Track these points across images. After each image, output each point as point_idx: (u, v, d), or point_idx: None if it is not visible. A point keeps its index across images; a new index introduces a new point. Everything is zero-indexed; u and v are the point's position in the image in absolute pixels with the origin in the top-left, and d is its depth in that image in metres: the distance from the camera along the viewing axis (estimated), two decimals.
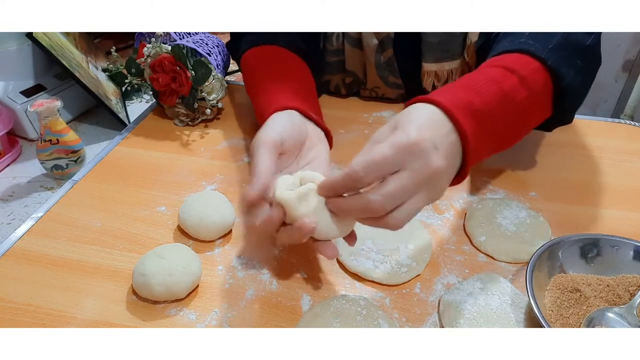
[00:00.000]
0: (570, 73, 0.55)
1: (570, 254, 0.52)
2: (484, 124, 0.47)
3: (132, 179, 0.68)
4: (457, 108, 0.45)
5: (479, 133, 0.46)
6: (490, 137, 0.49)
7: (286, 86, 0.63)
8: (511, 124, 0.52)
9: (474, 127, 0.45)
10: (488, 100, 0.48)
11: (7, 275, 0.53)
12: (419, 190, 0.42)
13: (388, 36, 0.77)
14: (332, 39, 0.80)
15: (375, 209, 0.40)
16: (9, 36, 0.80)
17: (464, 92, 0.47)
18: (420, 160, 0.41)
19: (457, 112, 0.44)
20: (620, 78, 1.56)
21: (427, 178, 0.41)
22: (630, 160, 0.74)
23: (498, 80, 0.50)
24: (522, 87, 0.51)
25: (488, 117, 0.47)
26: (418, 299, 0.51)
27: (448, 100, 0.45)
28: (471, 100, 0.47)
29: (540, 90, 0.54)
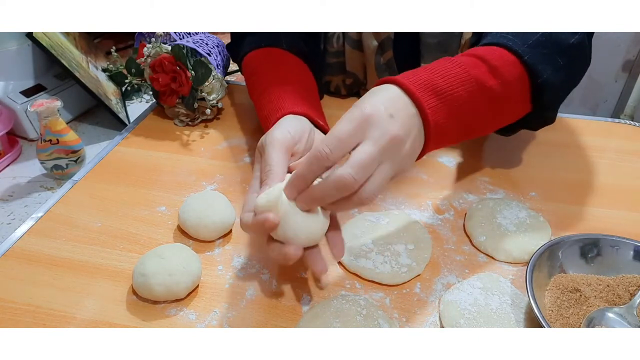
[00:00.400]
0: (547, 70, 0.56)
1: (570, 254, 0.52)
2: (447, 102, 0.48)
3: (132, 179, 0.68)
4: (415, 86, 0.47)
5: (439, 109, 0.47)
6: (455, 118, 0.49)
7: (292, 91, 0.63)
8: (480, 109, 0.52)
9: (434, 103, 0.47)
10: (451, 81, 0.49)
11: (7, 275, 0.53)
12: (384, 159, 0.43)
13: (388, 37, 0.77)
14: (332, 41, 0.80)
15: (348, 182, 0.41)
16: (9, 36, 0.80)
17: (427, 73, 0.49)
18: (378, 128, 0.43)
19: (415, 89, 0.46)
20: (620, 78, 1.56)
21: (388, 145, 0.43)
22: (630, 160, 0.74)
23: (466, 65, 0.51)
24: (492, 75, 0.52)
25: (451, 97, 0.48)
26: (418, 299, 0.51)
27: (408, 79, 0.47)
28: (432, 80, 0.48)
29: (513, 82, 0.54)
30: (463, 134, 0.53)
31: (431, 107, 0.47)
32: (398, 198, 0.65)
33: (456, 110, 0.49)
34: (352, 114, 0.44)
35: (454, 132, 0.51)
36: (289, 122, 0.55)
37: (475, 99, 0.51)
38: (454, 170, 0.71)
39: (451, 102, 0.49)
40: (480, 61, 0.52)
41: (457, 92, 0.49)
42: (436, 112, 0.47)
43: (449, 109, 0.48)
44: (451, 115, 0.49)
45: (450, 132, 0.50)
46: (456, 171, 0.71)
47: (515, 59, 0.55)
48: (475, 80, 0.51)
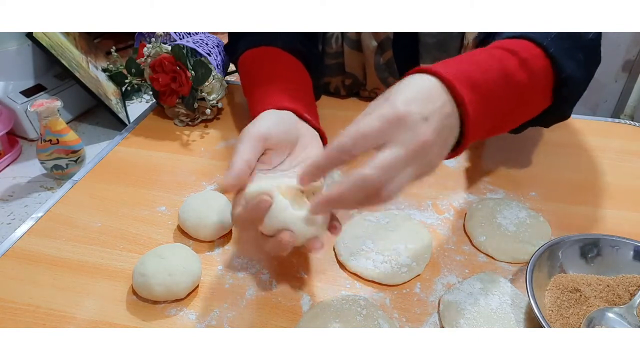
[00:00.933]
0: (571, 65, 0.55)
1: (570, 254, 0.52)
2: (484, 97, 0.46)
3: (132, 179, 0.68)
4: (457, 79, 0.44)
5: (478, 106, 0.45)
6: (490, 113, 0.48)
7: (280, 87, 0.63)
8: (510, 104, 0.51)
9: (474, 100, 0.45)
10: (488, 76, 0.47)
11: (7, 275, 0.53)
12: (410, 163, 0.41)
13: (387, 38, 0.77)
14: (331, 42, 0.80)
15: (373, 183, 0.39)
16: (9, 36, 0.80)
17: (465, 65, 0.47)
18: (407, 132, 0.40)
19: (457, 83, 0.43)
20: (620, 78, 1.56)
21: (416, 150, 0.40)
22: (630, 160, 0.74)
23: (499, 58, 0.50)
24: (522, 69, 0.51)
25: (488, 92, 0.47)
26: (418, 299, 0.51)
27: (448, 71, 0.44)
28: (471, 73, 0.46)
29: (540, 75, 0.53)
30: (493, 130, 0.52)
31: (472, 102, 0.44)
32: (398, 198, 0.65)
33: (491, 106, 0.47)
34: (382, 109, 0.41)
35: (487, 129, 0.49)
36: (266, 116, 0.54)
37: (507, 93, 0.49)
38: (454, 170, 0.71)
39: (487, 97, 0.47)
40: (511, 54, 0.51)
41: (493, 88, 0.47)
42: (475, 107, 0.45)
43: (484, 104, 0.46)
44: (487, 110, 0.47)
45: (484, 128, 0.48)
46: (456, 171, 0.71)
47: (541, 52, 0.53)
48: (509, 75, 0.49)
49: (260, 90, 0.64)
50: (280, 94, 0.60)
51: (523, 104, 0.53)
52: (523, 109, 0.55)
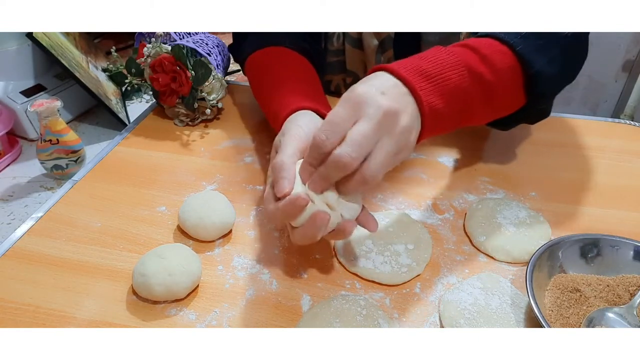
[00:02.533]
0: (541, 60, 0.56)
1: (570, 254, 0.52)
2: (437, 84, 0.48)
3: (132, 179, 0.68)
4: (405, 70, 0.47)
5: (431, 91, 0.48)
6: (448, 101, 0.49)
7: (299, 88, 0.63)
8: (472, 95, 0.52)
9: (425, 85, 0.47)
10: (442, 66, 0.49)
11: (7, 275, 0.53)
12: (381, 135, 0.43)
13: (388, 37, 0.77)
14: (332, 40, 0.80)
15: (345, 161, 0.42)
16: (9, 36, 0.80)
17: (417, 60, 0.50)
18: (370, 106, 0.43)
19: (405, 73, 0.47)
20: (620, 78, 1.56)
21: (382, 120, 0.43)
22: (630, 160, 0.74)
23: (456, 52, 0.52)
24: (482, 63, 0.52)
25: (441, 80, 0.49)
26: (418, 299, 0.51)
27: (398, 65, 0.48)
28: (421, 65, 0.49)
29: (504, 71, 0.54)
30: (458, 119, 0.53)
31: (423, 89, 0.47)
32: (398, 198, 0.65)
33: (448, 94, 0.49)
34: (343, 98, 0.44)
35: (448, 117, 0.51)
36: (300, 118, 0.55)
37: (466, 84, 0.51)
38: (454, 170, 0.71)
39: (443, 86, 0.49)
40: (470, 50, 0.53)
41: (448, 76, 0.49)
42: (428, 94, 0.48)
43: (441, 92, 0.49)
44: (444, 98, 0.49)
45: (445, 117, 0.50)
46: (456, 171, 0.71)
47: (507, 49, 0.55)
48: (466, 66, 0.51)
49: (278, 91, 0.64)
50: (300, 94, 0.61)
51: (489, 98, 0.54)
52: (490, 103, 0.55)
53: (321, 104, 0.61)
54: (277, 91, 0.64)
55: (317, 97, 0.63)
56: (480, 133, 0.78)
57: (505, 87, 0.55)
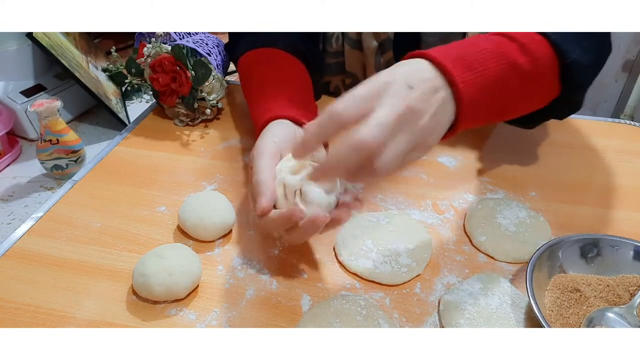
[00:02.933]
0: (576, 50, 0.54)
1: (570, 254, 0.52)
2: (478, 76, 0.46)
3: (132, 179, 0.68)
4: (446, 59, 0.45)
5: (472, 84, 0.45)
6: (488, 94, 0.48)
7: (281, 92, 0.63)
8: (512, 87, 0.50)
9: (468, 79, 0.45)
10: (484, 56, 0.47)
11: (7, 275, 0.53)
12: (400, 129, 0.41)
13: (388, 38, 0.77)
14: (331, 41, 0.80)
15: (369, 142, 0.39)
16: (9, 36, 0.80)
17: (459, 47, 0.48)
18: (394, 96, 0.41)
19: (446, 62, 0.44)
20: (620, 78, 1.56)
21: (404, 113, 0.41)
22: (630, 160, 0.74)
23: (496, 42, 0.50)
24: (522, 53, 0.50)
25: (483, 71, 0.47)
26: (418, 299, 0.51)
27: (439, 53, 0.45)
28: (465, 54, 0.47)
29: (543, 61, 0.52)
30: (495, 113, 0.51)
31: (464, 81, 0.45)
32: (398, 198, 0.65)
33: (489, 87, 0.47)
34: (370, 80, 0.42)
35: (486, 110, 0.49)
36: (273, 130, 0.55)
37: (507, 75, 0.49)
38: (454, 170, 0.71)
39: (484, 78, 0.47)
40: (509, 39, 0.51)
41: (490, 67, 0.47)
42: (469, 86, 0.45)
43: (482, 85, 0.47)
44: (484, 91, 0.47)
45: (483, 110, 0.48)
46: (456, 171, 0.71)
47: (543, 39, 0.53)
48: (507, 57, 0.49)
49: (260, 95, 0.64)
50: (280, 100, 0.61)
51: (527, 89, 0.53)
52: (528, 94, 0.54)
53: (302, 111, 0.60)
54: (260, 94, 0.64)
55: (300, 102, 0.62)
56: (480, 133, 0.78)
57: (543, 77, 0.54)
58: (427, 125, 0.43)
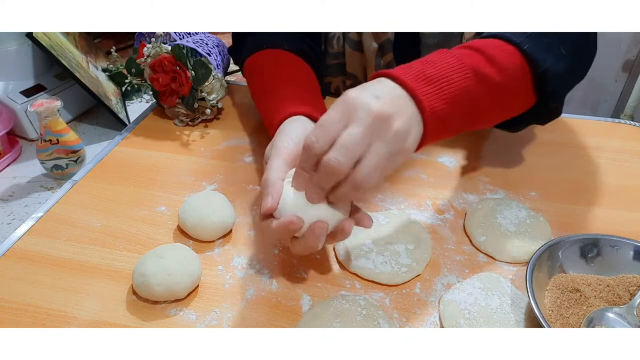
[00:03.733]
0: (549, 58, 0.55)
1: (570, 254, 0.52)
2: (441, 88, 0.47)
3: (132, 179, 0.68)
4: (407, 76, 0.46)
5: (434, 96, 0.47)
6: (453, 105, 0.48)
7: (293, 91, 0.63)
8: (479, 97, 0.51)
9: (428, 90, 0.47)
10: (445, 70, 0.48)
11: (7, 275, 0.53)
12: (373, 140, 0.42)
13: (388, 39, 0.76)
14: (332, 42, 0.80)
15: (333, 165, 0.42)
16: (9, 36, 0.80)
17: (420, 64, 0.49)
18: (361, 110, 0.42)
19: (406, 78, 0.46)
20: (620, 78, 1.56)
21: (373, 125, 0.42)
22: (630, 160, 0.74)
23: (460, 55, 0.51)
24: (488, 64, 0.51)
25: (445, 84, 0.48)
26: (418, 299, 0.51)
27: (399, 71, 0.47)
28: (424, 69, 0.48)
29: (512, 70, 0.53)
30: (465, 123, 0.52)
31: (425, 93, 0.46)
32: (398, 198, 0.65)
33: (453, 98, 0.48)
34: (337, 102, 0.44)
35: (454, 121, 0.50)
36: (290, 127, 0.55)
37: (472, 86, 0.50)
38: (454, 170, 0.71)
39: (447, 90, 0.48)
40: (475, 51, 0.52)
41: (453, 80, 0.48)
42: (431, 98, 0.47)
43: (446, 97, 0.48)
44: (449, 102, 0.48)
45: (451, 121, 0.49)
46: (456, 171, 0.71)
47: (514, 49, 0.54)
48: (471, 68, 0.50)
49: (273, 94, 0.64)
50: (295, 98, 0.61)
51: (498, 99, 0.53)
52: (499, 103, 0.55)
53: (316, 107, 0.60)
54: (271, 95, 0.64)
55: (312, 101, 0.63)
56: (480, 133, 0.78)
57: (513, 87, 0.54)
58: (401, 128, 0.44)
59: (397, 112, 0.44)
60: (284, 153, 0.51)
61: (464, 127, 0.53)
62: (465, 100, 0.50)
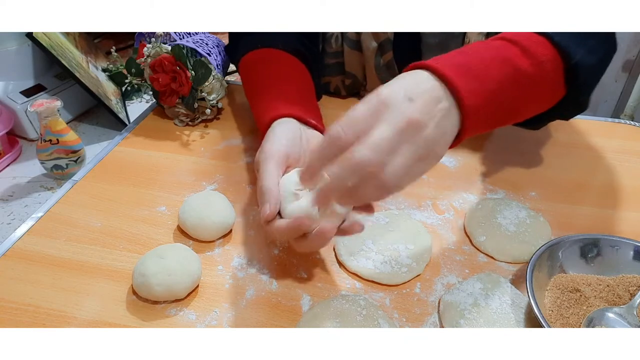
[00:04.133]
0: (580, 51, 0.54)
1: (570, 254, 0.52)
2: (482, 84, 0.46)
3: (132, 179, 0.68)
4: (448, 68, 0.44)
5: (475, 92, 0.45)
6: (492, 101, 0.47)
7: (284, 91, 0.63)
8: (516, 92, 0.50)
9: (471, 88, 0.44)
10: (486, 64, 0.47)
11: (7, 275, 0.53)
12: (403, 143, 0.40)
13: (387, 39, 0.76)
14: (331, 41, 0.80)
15: (362, 160, 0.39)
16: (9, 36, 0.80)
17: (459, 56, 0.47)
18: (394, 111, 0.40)
19: (448, 72, 0.43)
20: (620, 78, 1.56)
21: (405, 128, 0.40)
22: (630, 160, 0.74)
23: (497, 47, 0.50)
24: (524, 56, 0.50)
25: (486, 79, 0.46)
26: (418, 299, 0.51)
27: (440, 62, 0.44)
28: (466, 62, 0.46)
29: (547, 63, 0.52)
30: (501, 118, 0.51)
31: (467, 89, 0.44)
32: (398, 198, 0.65)
33: (493, 93, 0.47)
34: (369, 97, 0.41)
35: (491, 116, 0.49)
36: (280, 130, 0.55)
37: (510, 80, 0.48)
38: (454, 170, 0.71)
39: (487, 84, 0.46)
40: (511, 43, 0.50)
41: (492, 74, 0.47)
42: (473, 95, 0.45)
43: (486, 92, 0.46)
44: (488, 98, 0.46)
45: (489, 116, 0.48)
46: (456, 171, 0.71)
47: (545, 40, 0.52)
48: (509, 61, 0.48)
49: (263, 94, 0.64)
50: (284, 99, 0.61)
51: (532, 92, 0.52)
52: (533, 97, 0.53)
53: (307, 108, 0.60)
54: (262, 95, 0.64)
55: (303, 101, 0.62)
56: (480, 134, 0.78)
57: (547, 80, 0.53)
58: (431, 135, 0.42)
59: (431, 115, 0.42)
60: (275, 157, 0.51)
61: (499, 123, 0.52)
62: (503, 94, 0.48)
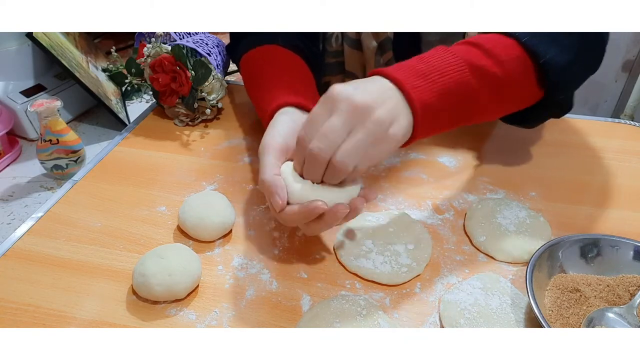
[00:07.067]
0: (551, 50, 0.54)
1: (570, 254, 0.52)
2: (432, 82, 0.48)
3: (132, 179, 0.68)
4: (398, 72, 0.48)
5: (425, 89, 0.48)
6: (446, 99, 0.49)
7: (284, 81, 0.64)
8: (475, 91, 0.51)
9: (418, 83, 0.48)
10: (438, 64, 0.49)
11: (7, 275, 0.53)
12: (353, 127, 0.44)
13: (387, 38, 0.76)
14: (331, 41, 0.80)
15: (314, 153, 0.45)
16: (9, 36, 0.80)
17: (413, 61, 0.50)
18: (342, 101, 0.44)
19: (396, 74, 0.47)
20: (620, 78, 1.56)
21: (354, 114, 0.44)
22: (630, 160, 0.74)
23: (455, 51, 0.51)
24: (484, 56, 0.52)
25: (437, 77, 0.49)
26: (418, 299, 0.51)
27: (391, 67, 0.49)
28: (416, 65, 0.49)
29: (510, 62, 0.53)
30: (461, 116, 0.52)
31: (415, 86, 0.47)
32: (398, 198, 0.65)
33: (446, 91, 0.49)
34: (323, 97, 0.46)
35: (447, 115, 0.50)
36: (279, 121, 0.56)
37: (468, 79, 0.50)
38: (454, 170, 0.71)
39: (439, 82, 0.49)
40: (472, 46, 0.52)
41: (446, 73, 0.49)
42: (421, 90, 0.48)
43: (437, 89, 0.48)
44: (440, 95, 0.48)
45: (443, 114, 0.50)
46: (456, 171, 0.71)
47: (513, 41, 0.54)
48: (466, 62, 0.50)
49: (264, 86, 0.64)
50: (284, 88, 0.61)
51: (496, 92, 0.53)
52: (498, 97, 0.54)
53: (307, 96, 0.61)
54: (263, 87, 0.65)
55: (304, 90, 0.63)
56: (480, 133, 0.78)
57: (514, 79, 0.54)
58: (382, 117, 0.45)
59: (379, 102, 0.45)
60: (273, 149, 0.52)
61: (461, 120, 0.53)
62: (459, 93, 0.50)
